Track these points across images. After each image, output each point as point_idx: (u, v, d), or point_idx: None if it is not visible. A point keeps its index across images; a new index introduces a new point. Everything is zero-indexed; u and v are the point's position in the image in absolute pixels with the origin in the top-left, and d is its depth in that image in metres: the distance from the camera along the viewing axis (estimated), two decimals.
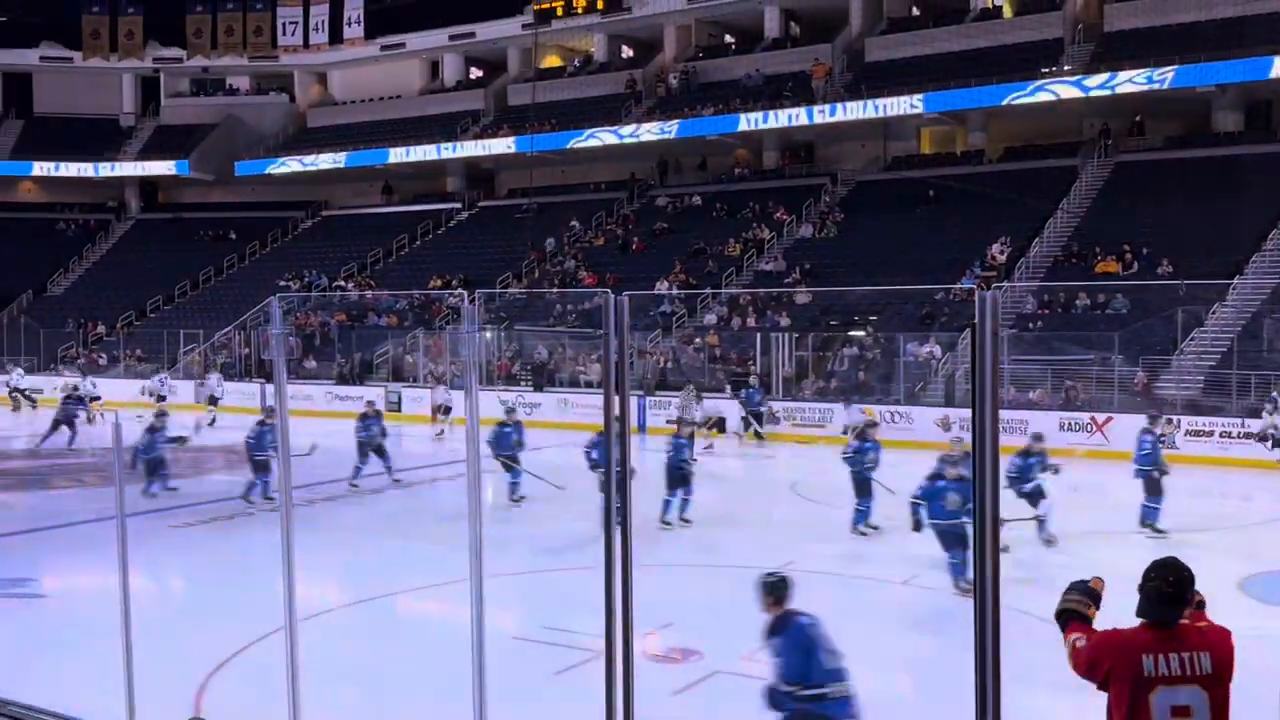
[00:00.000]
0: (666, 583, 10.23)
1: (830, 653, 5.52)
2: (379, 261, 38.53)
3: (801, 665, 5.47)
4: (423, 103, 43.16)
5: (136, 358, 34.33)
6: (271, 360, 27.12)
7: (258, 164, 43.34)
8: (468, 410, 5.88)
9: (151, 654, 5.82)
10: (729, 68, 38.03)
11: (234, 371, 32.58)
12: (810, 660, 5.49)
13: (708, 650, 8.67)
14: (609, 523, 4.36)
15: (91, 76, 45.48)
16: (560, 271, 34.04)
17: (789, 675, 5.47)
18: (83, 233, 44.60)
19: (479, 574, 4.73)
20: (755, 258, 31.88)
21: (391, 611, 9.98)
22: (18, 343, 36.57)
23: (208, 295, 39.14)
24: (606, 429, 4.61)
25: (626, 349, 4.57)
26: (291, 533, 4.81)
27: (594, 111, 37.69)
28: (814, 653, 5.50)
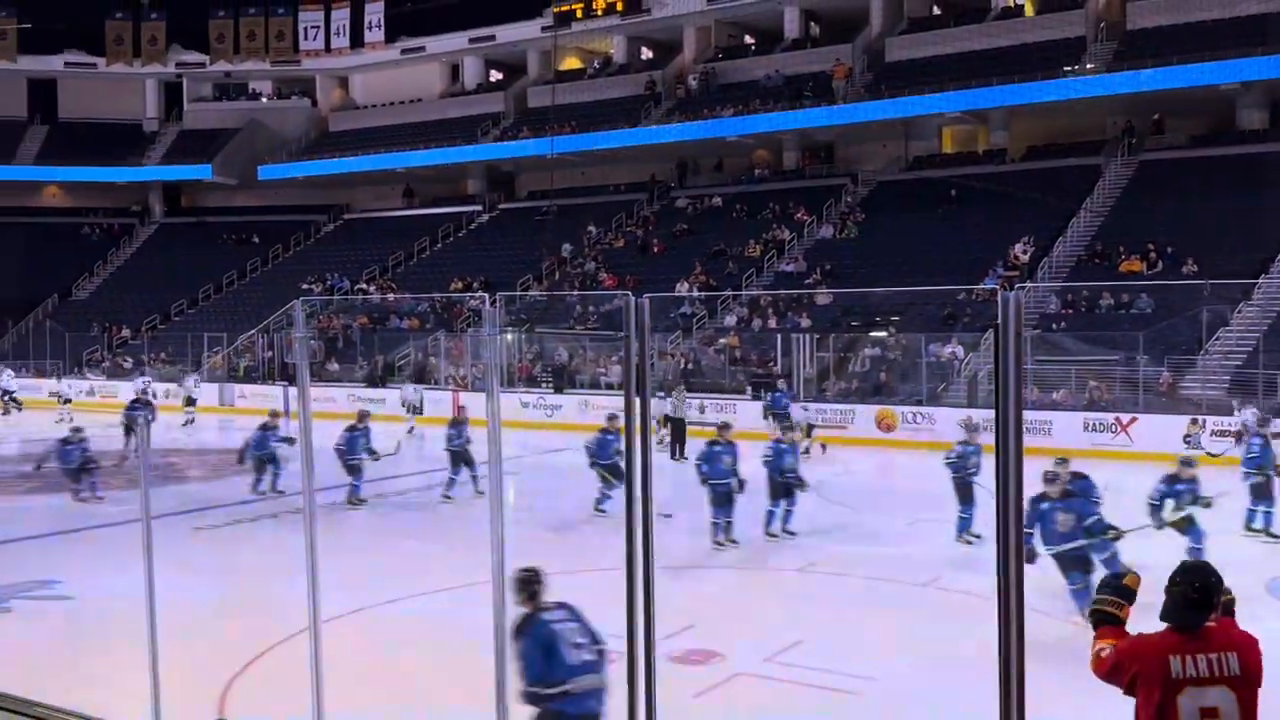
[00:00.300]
0: (688, 585, 10.22)
1: (576, 646, 5.40)
2: (400, 264, 38.69)
3: (542, 664, 5.35)
4: (443, 105, 43.32)
5: (161, 361, 34.59)
6: (294, 363, 27.29)
7: (280, 168, 43.60)
8: (489, 413, 5.89)
9: (176, 655, 5.86)
10: (749, 68, 37.98)
11: (257, 374, 32.80)
12: (552, 658, 5.36)
13: (729, 652, 8.66)
14: (630, 524, 4.36)
15: (115, 82, 45.86)
16: (581, 273, 34.08)
17: (530, 675, 5.37)
18: (107, 237, 44.98)
19: (500, 576, 4.74)
20: (776, 259, 31.82)
21: (413, 613, 10.01)
22: (43, 346, 36.93)
23: (231, 298, 39.40)
24: (628, 431, 4.61)
25: (647, 351, 4.57)
26: (314, 535, 4.83)
27: (614, 113, 37.73)
28: (556, 649, 5.37)
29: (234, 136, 44.85)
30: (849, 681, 7.97)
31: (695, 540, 12.95)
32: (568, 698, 5.31)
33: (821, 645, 8.87)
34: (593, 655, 5.48)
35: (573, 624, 5.51)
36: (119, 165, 44.35)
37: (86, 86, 45.78)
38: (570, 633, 5.42)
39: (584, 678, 5.36)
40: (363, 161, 41.52)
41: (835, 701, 7.74)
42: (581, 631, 5.51)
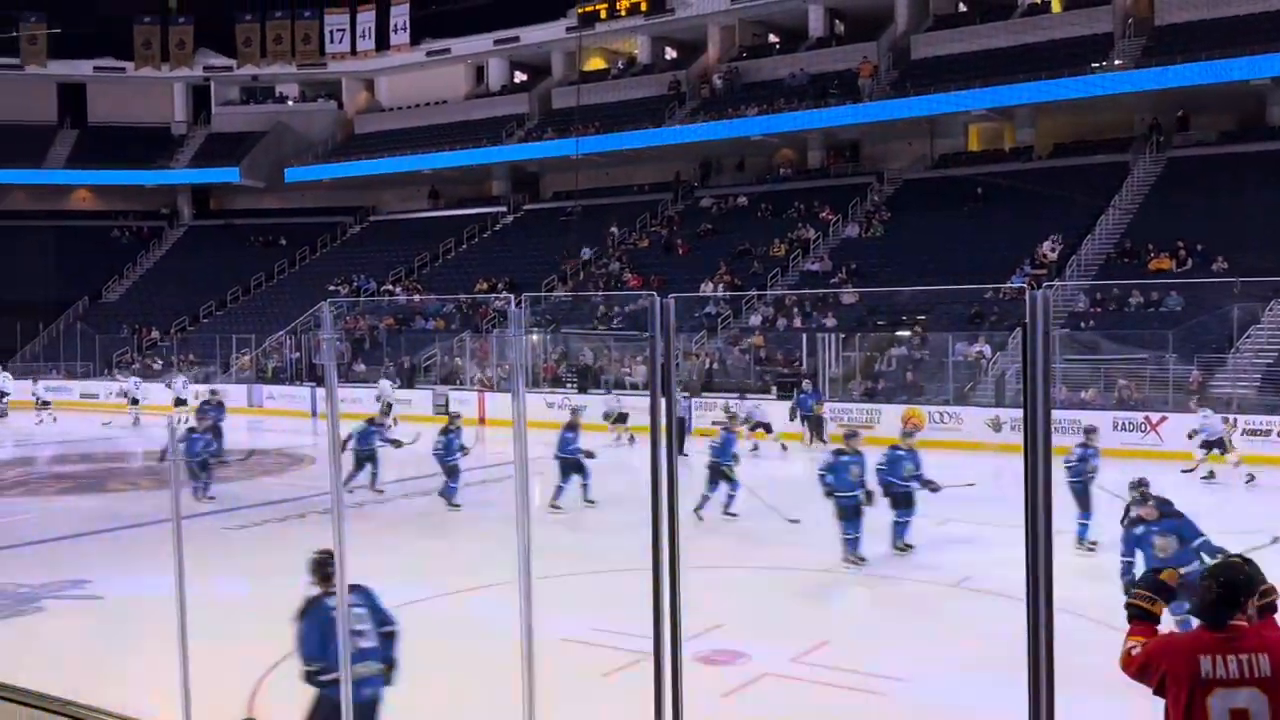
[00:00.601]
0: (714, 585, 10.20)
1: (356, 633, 5.48)
2: (426, 265, 38.86)
3: (318, 647, 5.48)
4: (468, 107, 43.47)
5: (189, 362, 34.90)
6: (323, 364, 27.49)
7: (307, 170, 43.89)
8: (514, 413, 5.90)
9: (206, 655, 5.91)
10: (773, 67, 37.90)
11: (285, 376, 33.03)
12: (328, 643, 5.38)
13: (756, 653, 8.65)
14: (656, 524, 4.36)
15: (143, 86, 46.32)
16: (605, 274, 34.11)
17: (305, 656, 5.57)
18: (136, 240, 45.42)
19: (527, 575, 4.75)
20: (801, 258, 31.74)
21: (441, 613, 10.05)
22: (74, 348, 37.34)
23: (259, 300, 39.70)
24: (653, 430, 4.61)
25: (673, 351, 4.57)
26: (343, 535, 4.86)
27: (638, 113, 37.76)
28: (333, 634, 5.31)
29: (261, 139, 45.19)
30: (877, 683, 7.95)
31: (719, 539, 12.95)
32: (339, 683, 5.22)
33: (849, 646, 8.84)
34: (373, 643, 5.67)
35: (360, 609, 5.69)
36: (148, 168, 44.77)
37: (115, 90, 46.26)
38: (354, 619, 5.49)
39: (358, 665, 5.42)
40: (388, 163, 41.72)
41: (863, 702, 7.72)
42: (368, 618, 5.70)
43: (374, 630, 5.71)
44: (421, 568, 11.83)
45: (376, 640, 5.69)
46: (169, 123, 46.93)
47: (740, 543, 13.21)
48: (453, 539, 13.87)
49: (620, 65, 41.93)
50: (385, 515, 15.27)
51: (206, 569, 5.93)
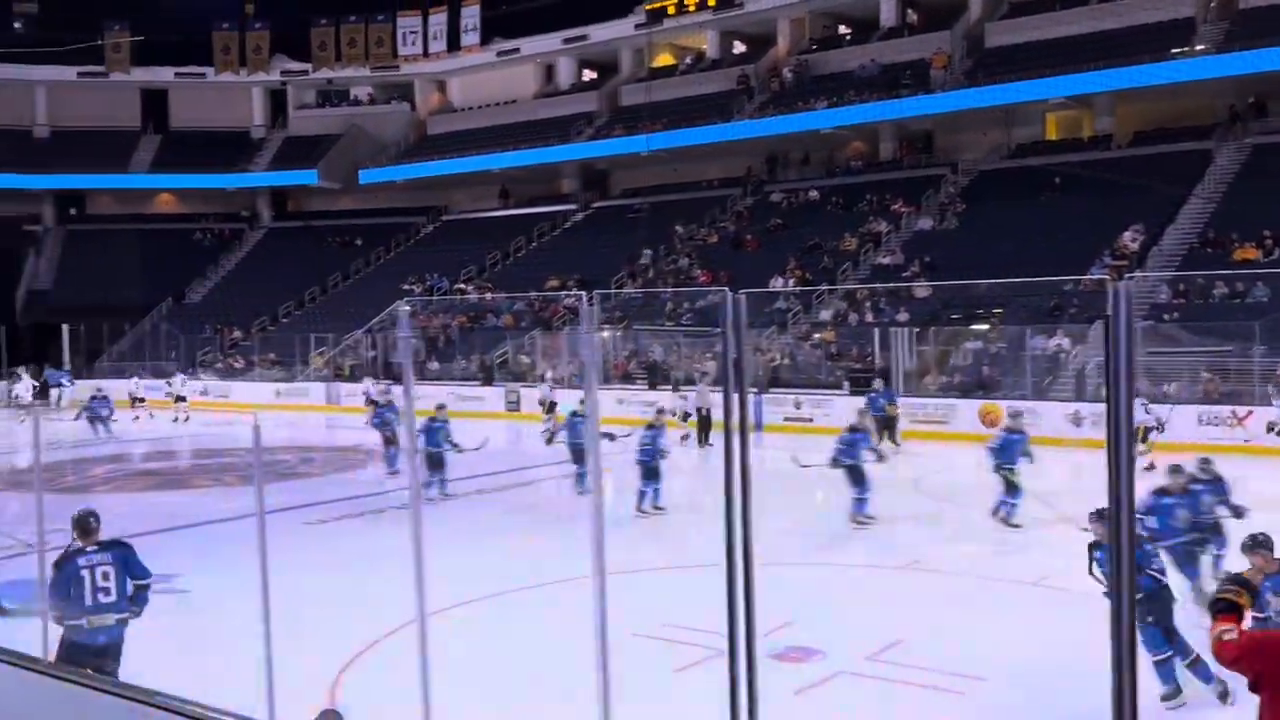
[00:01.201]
0: (787, 582, 10.15)
1: (100, 588, 6.67)
2: (497, 264, 39.22)
3: (63, 597, 6.63)
4: (537, 106, 43.76)
5: (270, 361, 35.66)
6: (399, 362, 27.90)
7: (381, 171, 44.56)
8: (588, 410, 5.94)
9: (288, 647, 6.04)
10: (843, 59, 37.53)
11: (362, 373, 33.60)
12: (72, 593, 6.57)
13: (830, 650, 8.59)
14: (730, 520, 4.36)
15: (223, 91, 47.41)
16: (674, 270, 34.11)
17: (54, 604, 6.64)
18: (218, 242, 46.53)
19: (601, 571, 4.78)
20: (873, 252, 31.40)
21: (517, 607, 10.15)
22: (159, 348, 38.40)
23: (336, 299, 40.42)
24: (726, 427, 4.61)
25: (743, 346, 4.56)
26: (420, 529, 4.94)
27: (707, 108, 37.66)
28: (79, 587, 6.61)
29: (336, 142, 45.99)
30: (953, 681, 7.85)
31: (791, 537, 12.87)
32: (81, 631, 6.63)
33: (925, 644, 8.74)
34: (113, 597, 6.78)
35: (107, 567, 6.78)
36: (228, 172, 45.84)
37: (196, 96, 47.42)
38: (100, 575, 6.72)
39: (97, 615, 6.66)
40: (460, 163, 42.17)
41: (939, 701, 7.63)
42: (115, 574, 6.79)
43: (117, 586, 6.90)
44: (494, 563, 11.95)
45: (117, 596, 6.88)
46: (248, 127, 47.99)
47: (814, 540, 13.12)
48: (525, 535, 13.99)
49: (688, 61, 41.87)
50: (459, 511, 15.45)
51: (288, 563, 6.07)
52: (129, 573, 7.00)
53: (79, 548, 6.92)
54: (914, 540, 12.85)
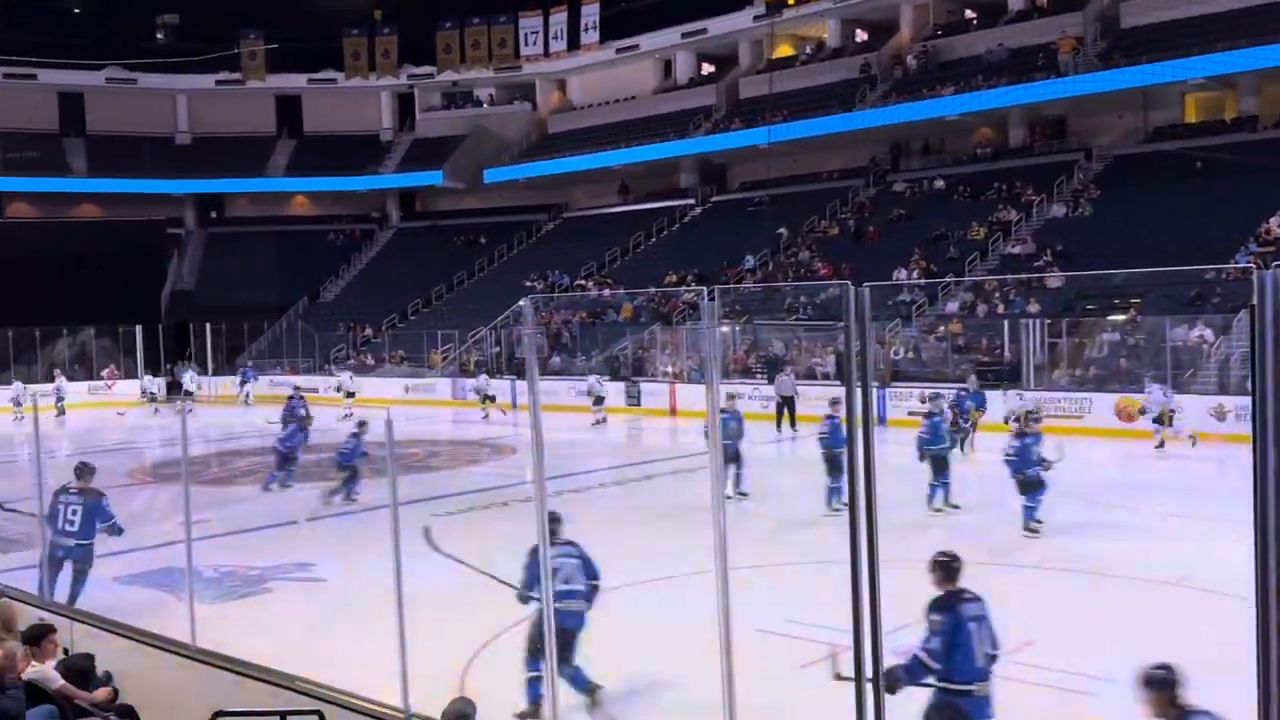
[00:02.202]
0: (913, 580, 9.96)
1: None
2: (616, 260, 39.50)
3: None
4: (656, 101, 43.90)
5: (399, 358, 36.68)
6: (523, 357, 28.36)
7: (504, 171, 45.36)
8: (708, 404, 5.94)
9: (419, 634, 6.21)
10: (970, 44, 36.60)
11: (486, 369, 34.29)
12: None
13: None
14: (854, 515, 4.32)
15: (353, 96, 48.93)
16: (794, 263, 33.81)
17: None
18: (350, 242, 48.05)
19: (724, 565, 4.78)
20: (1002, 241, 30.57)
21: (641, 600, 10.22)
22: (295, 345, 39.90)
23: (461, 297, 41.33)
24: (849, 421, 4.56)
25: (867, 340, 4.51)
26: (545, 521, 5.02)
27: (828, 98, 37.20)
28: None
29: (461, 142, 47.00)
30: (1085, 683, 7.61)
31: (918, 534, 12.63)
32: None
33: (1057, 645, 8.49)
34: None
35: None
36: (359, 174, 47.32)
37: (327, 101, 49.05)
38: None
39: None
40: (580, 161, 42.61)
41: (1070, 703, 7.41)
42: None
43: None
44: (618, 556, 12.05)
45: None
46: (377, 130, 49.44)
47: (939, 538, 12.86)
48: (649, 528, 14.07)
49: (808, 50, 41.41)
50: (583, 505, 15.63)
51: (418, 553, 6.25)
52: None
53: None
54: (1048, 538, 12.48)
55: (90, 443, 25.48)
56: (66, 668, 6.52)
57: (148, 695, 6.65)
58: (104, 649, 7.12)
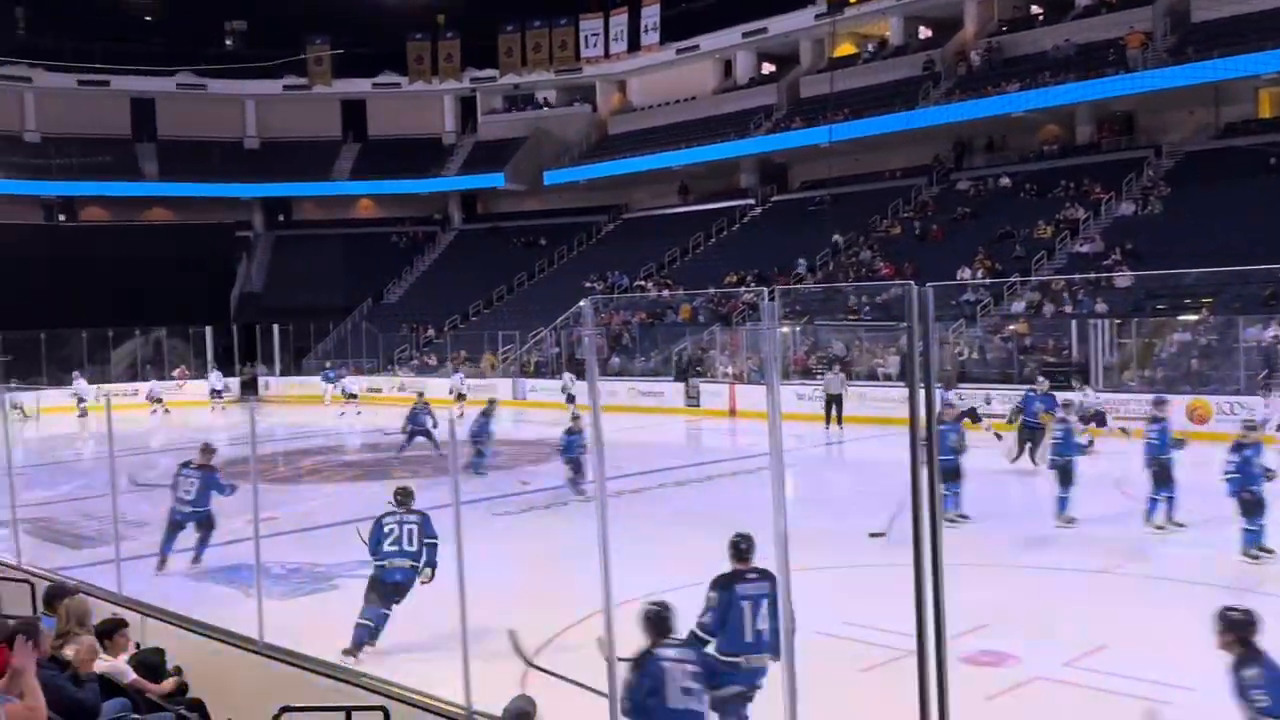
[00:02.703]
0: (980, 583, 9.83)
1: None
2: (676, 260, 39.47)
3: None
4: (716, 102, 43.80)
5: (461, 359, 37.04)
6: (584, 358, 28.47)
7: (564, 173, 45.56)
8: (769, 406, 5.90)
9: (480, 632, 6.26)
10: (1036, 40, 35.99)
11: (546, 370, 34.48)
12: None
13: (1025, 655, 8.28)
14: (917, 517, 4.26)
15: (417, 99, 49.49)
16: (856, 263, 33.52)
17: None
18: (413, 244, 48.60)
19: (785, 568, 4.75)
20: (1069, 240, 30.02)
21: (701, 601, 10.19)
22: (359, 346, 40.47)
23: (521, 298, 41.59)
24: (911, 423, 4.50)
25: (931, 341, 4.45)
26: (606, 520, 5.02)
27: (891, 96, 36.84)
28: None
29: (522, 144, 47.31)
30: (1158, 690, 7.43)
31: (984, 536, 12.46)
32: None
33: (1128, 651, 8.31)
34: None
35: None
36: (422, 177, 47.84)
37: (392, 105, 49.68)
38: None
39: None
40: (640, 162, 42.65)
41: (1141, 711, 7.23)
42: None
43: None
44: (678, 555, 12.04)
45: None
46: (440, 133, 49.96)
47: (1010, 540, 12.67)
48: (707, 528, 14.03)
49: (870, 48, 41.04)
50: (643, 504, 15.63)
51: (478, 552, 6.29)
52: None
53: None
54: (1118, 542, 12.22)
55: (160, 441, 26.09)
56: (139, 662, 6.67)
57: (216, 689, 6.77)
58: (174, 644, 7.28)
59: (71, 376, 33.00)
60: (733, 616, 6.15)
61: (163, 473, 14.43)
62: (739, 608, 6.17)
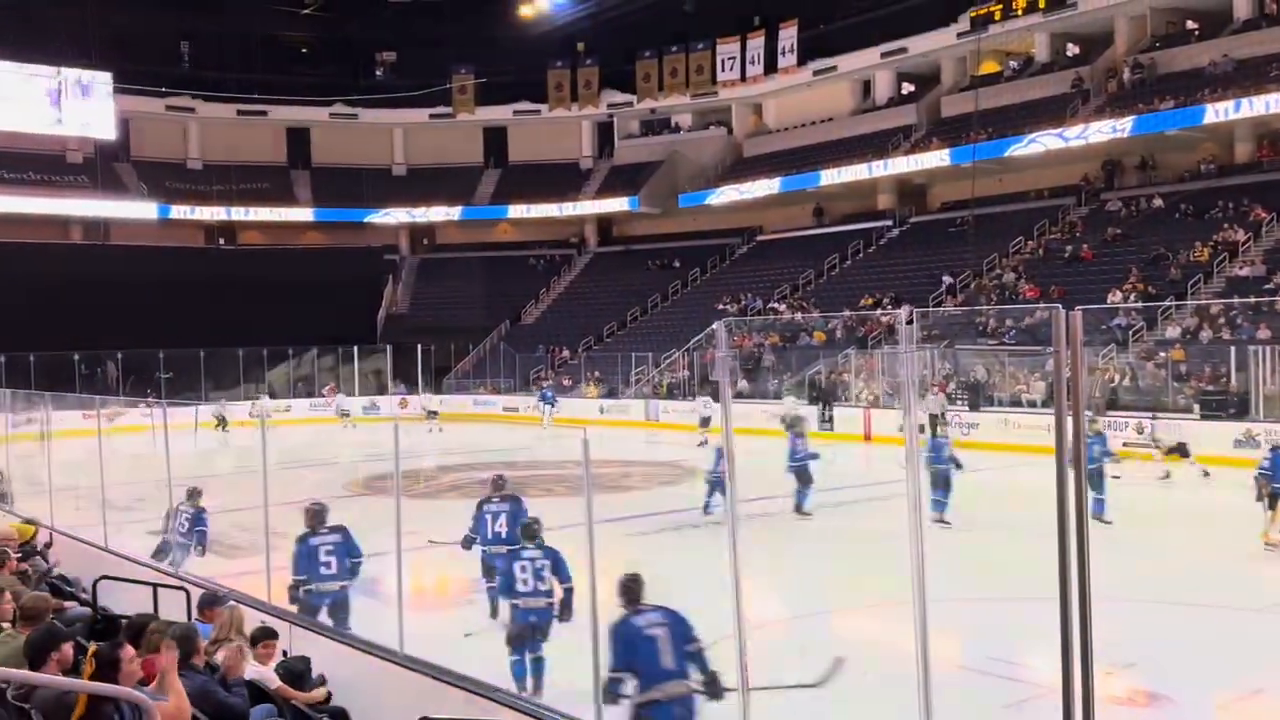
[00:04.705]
0: (1133, 620, 9.40)
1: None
2: (810, 282, 39.12)
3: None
4: (854, 123, 43.33)
5: (595, 379, 37.44)
6: (717, 380, 28.41)
7: (698, 195, 45.72)
8: (906, 429, 5.79)
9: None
10: (1191, 56, 34.49)
11: (679, 391, 34.54)
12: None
13: (1178, 696, 7.87)
14: (1063, 549, 4.11)
15: (555, 125, 50.50)
16: (998, 285, 32.61)
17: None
18: (550, 267, 49.49)
19: (921, 594, 4.64)
20: (1228, 263, 28.59)
21: (831, 629, 10.04)
22: (496, 366, 41.36)
23: (655, 320, 41.83)
24: (1058, 450, 4.35)
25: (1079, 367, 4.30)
26: (737, 542, 5.00)
27: (1035, 115, 35.79)
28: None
29: (657, 168, 47.71)
30: None
31: (1136, 572, 11.91)
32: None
33: None
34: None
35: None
36: (560, 201, 48.72)
37: (531, 131, 50.81)
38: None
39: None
40: (775, 184, 42.45)
41: None
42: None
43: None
44: (811, 582, 11.88)
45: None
46: (577, 158, 50.83)
47: (1162, 576, 12.09)
48: (841, 555, 13.81)
49: (1014, 66, 40.00)
50: (776, 527, 15.48)
51: (613, 569, 6.33)
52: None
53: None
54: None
55: (306, 457, 27.12)
56: (285, 669, 6.93)
57: (358, 698, 6.98)
58: (319, 653, 7.53)
59: (220, 399, 34.52)
60: (641, 652, 5.93)
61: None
62: (640, 642, 5.96)
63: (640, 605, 6.10)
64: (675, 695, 5.80)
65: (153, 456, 12.42)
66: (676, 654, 5.89)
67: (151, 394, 31.74)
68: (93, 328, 36.01)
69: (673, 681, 5.82)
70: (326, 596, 8.99)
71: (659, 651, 5.85)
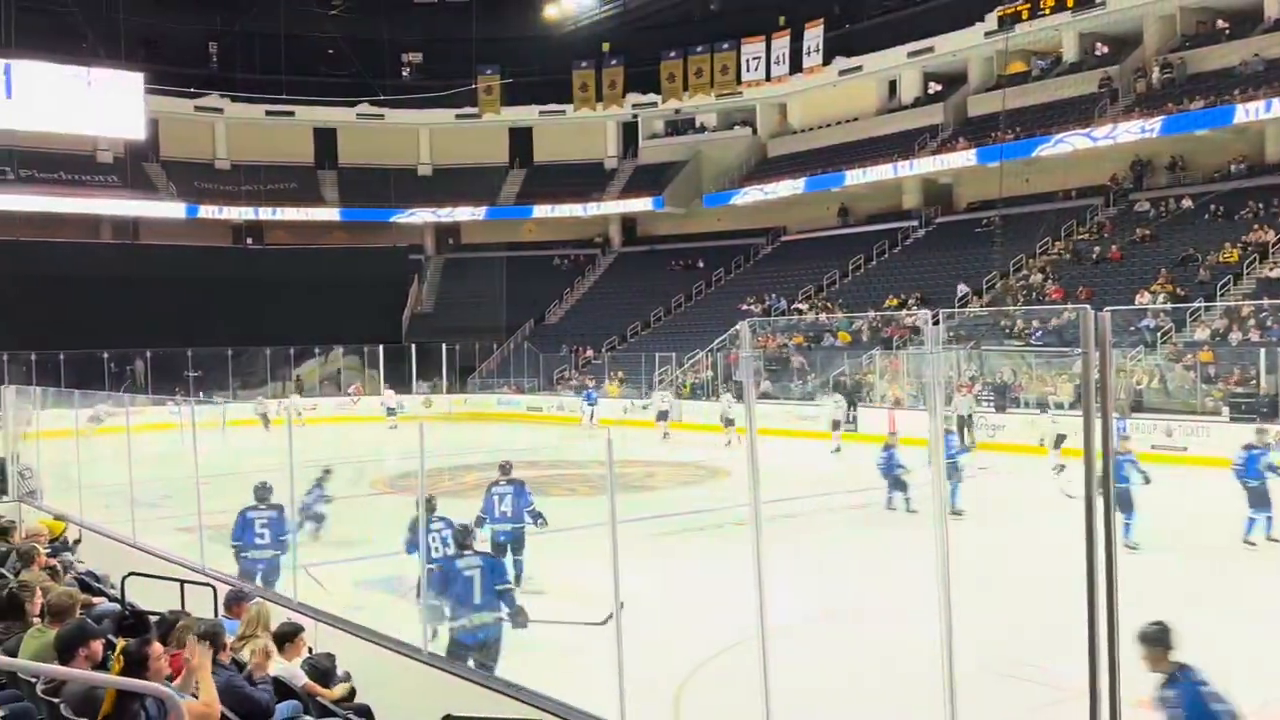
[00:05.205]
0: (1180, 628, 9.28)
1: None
2: (834, 283, 38.99)
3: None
4: (879, 123, 43.15)
5: (619, 379, 37.46)
6: (741, 380, 28.37)
7: (722, 195, 45.67)
8: (930, 432, 5.76)
9: (634, 652, 6.28)
10: (1222, 55, 34.14)
11: (702, 392, 34.50)
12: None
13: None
14: (1091, 554, 4.08)
15: (580, 126, 50.55)
16: (1025, 286, 32.39)
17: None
18: (574, 267, 49.55)
19: (948, 600, 4.62)
20: (1258, 264, 28.29)
21: (861, 629, 10.00)
22: (520, 365, 41.46)
23: (679, 320, 41.82)
24: (1086, 452, 4.32)
25: (1108, 368, 4.27)
26: (761, 544, 4.99)
27: (1063, 115, 35.54)
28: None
29: (682, 169, 47.67)
30: None
31: (1165, 577, 11.80)
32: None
33: None
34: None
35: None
36: (584, 201, 48.77)
37: (556, 131, 50.86)
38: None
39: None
40: (800, 184, 42.34)
41: None
42: None
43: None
44: (834, 582, 11.84)
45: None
46: (602, 158, 50.86)
47: (1190, 580, 11.97)
48: (862, 556, 13.76)
49: (1042, 66, 39.71)
50: (800, 529, 15.44)
51: (635, 569, 6.33)
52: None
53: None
54: None
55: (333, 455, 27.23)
56: (311, 666, 6.97)
57: (383, 696, 7.01)
58: (344, 650, 7.57)
59: (257, 397, 34.71)
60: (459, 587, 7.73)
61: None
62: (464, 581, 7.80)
63: (464, 550, 7.96)
64: (482, 624, 7.63)
65: (179, 456, 12.52)
66: (487, 592, 7.73)
67: (180, 392, 31.99)
68: (122, 326, 36.36)
69: (483, 613, 7.66)
70: (260, 562, 10.13)
71: (474, 589, 7.65)
